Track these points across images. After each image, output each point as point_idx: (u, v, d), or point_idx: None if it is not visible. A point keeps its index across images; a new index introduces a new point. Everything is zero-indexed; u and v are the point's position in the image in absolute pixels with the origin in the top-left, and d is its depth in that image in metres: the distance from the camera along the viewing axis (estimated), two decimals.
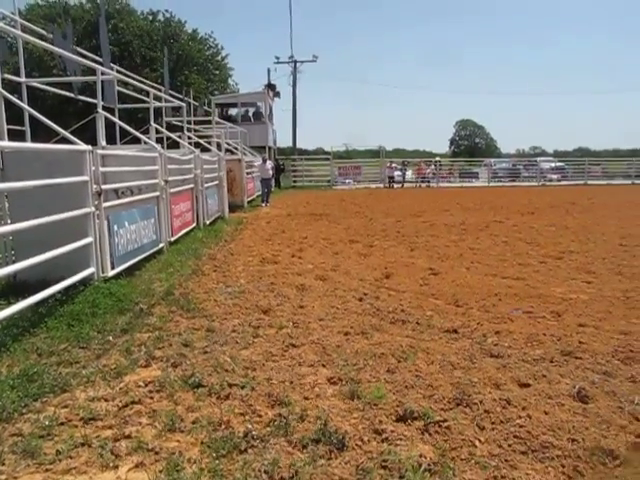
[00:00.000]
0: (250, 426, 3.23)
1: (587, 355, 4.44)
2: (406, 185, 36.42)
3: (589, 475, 2.81)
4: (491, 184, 37.05)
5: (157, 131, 11.97)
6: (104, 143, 8.20)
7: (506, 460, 2.92)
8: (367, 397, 3.62)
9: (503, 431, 3.21)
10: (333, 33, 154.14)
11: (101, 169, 6.75)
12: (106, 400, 3.65)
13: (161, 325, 5.28)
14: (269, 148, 31.93)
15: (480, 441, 3.11)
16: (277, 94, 37.88)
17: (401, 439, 3.11)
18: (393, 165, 36.85)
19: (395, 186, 35.31)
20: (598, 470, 2.84)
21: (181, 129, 15.23)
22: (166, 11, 41.85)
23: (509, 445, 3.07)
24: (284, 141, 57.86)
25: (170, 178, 9.76)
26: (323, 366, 4.24)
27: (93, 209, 6.37)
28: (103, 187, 6.69)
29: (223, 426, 3.26)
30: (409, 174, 39.05)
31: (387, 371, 4.10)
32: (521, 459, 2.94)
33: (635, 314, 5.67)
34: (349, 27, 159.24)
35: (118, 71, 14.19)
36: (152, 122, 11.36)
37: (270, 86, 36.91)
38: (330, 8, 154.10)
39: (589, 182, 37.14)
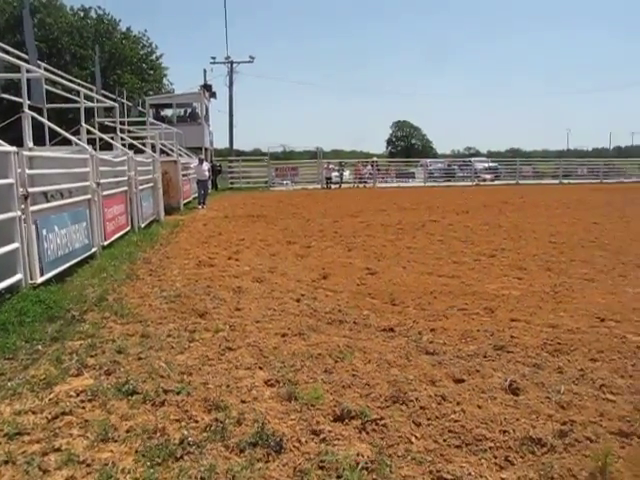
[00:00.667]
0: (186, 432, 3.18)
1: (518, 349, 4.61)
2: (344, 186, 36.57)
3: (519, 464, 2.92)
4: (427, 184, 37.74)
5: (89, 132, 11.63)
6: (31, 144, 7.90)
7: (441, 454, 3.00)
8: (304, 398, 3.62)
9: (438, 426, 3.29)
10: (270, 34, 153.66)
11: (28, 171, 6.50)
12: (34, 413, 3.49)
13: (94, 332, 5.12)
14: (205, 149, 31.53)
15: (416, 437, 3.17)
16: (213, 95, 37.42)
17: (339, 439, 3.14)
18: (330, 166, 36.98)
19: (333, 187, 35.41)
20: (527, 459, 2.96)
21: (114, 130, 14.82)
22: (99, 8, 40.74)
23: (444, 440, 3.15)
24: (221, 142, 57.26)
25: (102, 180, 9.49)
26: (260, 368, 4.22)
27: (19, 213, 6.13)
28: (30, 190, 6.44)
29: (158, 433, 3.19)
30: (347, 175, 39.26)
31: (324, 371, 4.13)
32: (456, 453, 3.02)
33: (563, 308, 5.93)
34: (286, 28, 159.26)
35: (46, 69, 13.70)
36: (83, 123, 11.02)
37: (206, 87, 36.38)
38: (266, 9, 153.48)
39: (521, 182, 38.42)
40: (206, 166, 21.86)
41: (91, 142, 11.60)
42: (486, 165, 43.66)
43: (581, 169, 43.50)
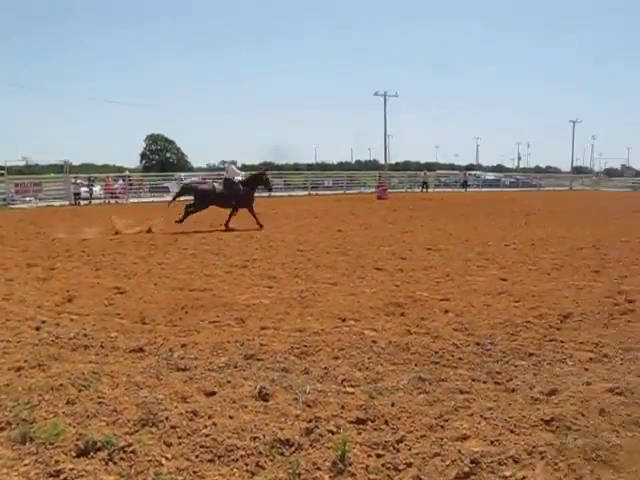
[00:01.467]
0: None
1: (267, 355, 4.79)
2: (95, 202, 34.56)
3: (269, 467, 3.03)
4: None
5: None
6: None
7: (194, 472, 2.98)
8: (42, 437, 3.29)
9: (190, 444, 3.26)
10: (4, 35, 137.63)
11: None
12: None
13: None
14: None
15: (167, 458, 3.11)
16: None
17: (82, 475, 2.94)
18: (79, 181, 34.76)
19: (82, 203, 33.33)
20: (277, 460, 3.09)
21: None
22: None
23: (196, 456, 3.14)
24: None
25: None
26: None
27: None
28: None
29: None
30: (97, 190, 37.20)
31: (67, 403, 3.81)
32: (208, 467, 3.03)
33: (309, 312, 6.31)
34: (19, 29, 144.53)
35: None
36: None
37: None
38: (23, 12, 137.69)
39: (273, 194, 40.17)
40: None
41: None
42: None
43: (327, 181, 47.30)
